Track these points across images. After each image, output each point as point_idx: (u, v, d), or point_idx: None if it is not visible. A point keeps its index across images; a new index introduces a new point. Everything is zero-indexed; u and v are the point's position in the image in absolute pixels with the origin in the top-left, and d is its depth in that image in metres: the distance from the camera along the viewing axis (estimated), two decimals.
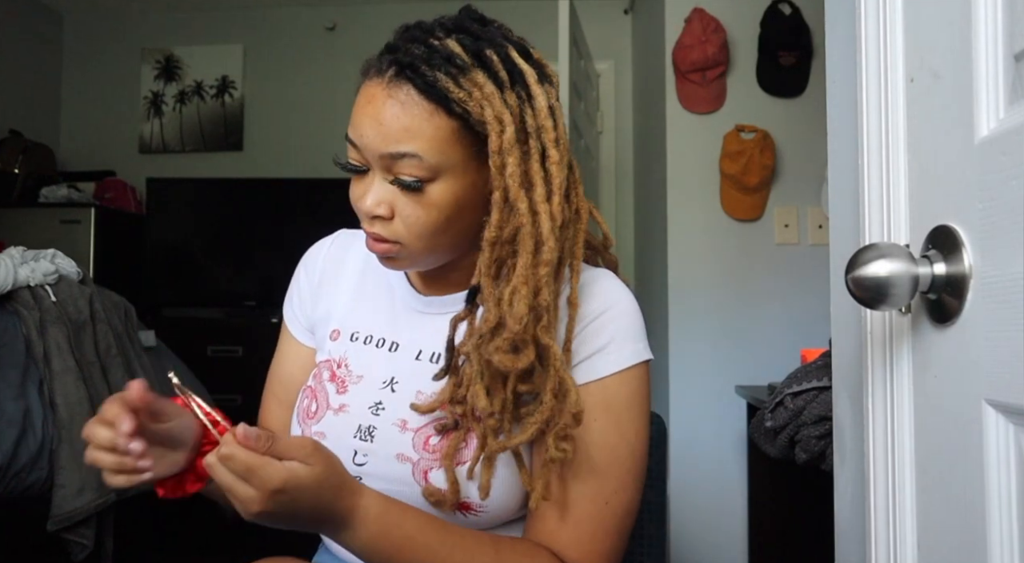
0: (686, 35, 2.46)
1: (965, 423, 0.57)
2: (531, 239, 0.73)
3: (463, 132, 0.74)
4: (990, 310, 0.54)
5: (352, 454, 0.84)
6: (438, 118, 0.73)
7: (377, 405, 0.85)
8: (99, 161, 3.75)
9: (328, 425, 0.87)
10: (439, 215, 0.76)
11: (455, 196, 0.76)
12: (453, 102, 0.72)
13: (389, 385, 0.86)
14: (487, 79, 0.73)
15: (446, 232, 0.78)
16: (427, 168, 0.74)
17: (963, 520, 0.57)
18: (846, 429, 0.89)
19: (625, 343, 0.82)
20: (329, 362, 0.91)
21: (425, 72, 0.72)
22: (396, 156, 0.73)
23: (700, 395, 2.46)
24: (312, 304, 0.96)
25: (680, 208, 2.50)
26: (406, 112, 0.73)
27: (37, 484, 1.77)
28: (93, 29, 3.93)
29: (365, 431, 0.84)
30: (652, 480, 1.02)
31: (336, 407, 0.87)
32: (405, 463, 0.82)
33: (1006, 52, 0.54)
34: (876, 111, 0.69)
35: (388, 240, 0.78)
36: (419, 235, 0.77)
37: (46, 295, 1.96)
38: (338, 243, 0.98)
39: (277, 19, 3.82)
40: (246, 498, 0.65)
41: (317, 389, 0.90)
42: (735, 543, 2.42)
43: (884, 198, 0.68)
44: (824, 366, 1.54)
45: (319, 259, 0.97)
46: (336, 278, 0.95)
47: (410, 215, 0.76)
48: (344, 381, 0.89)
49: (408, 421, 0.83)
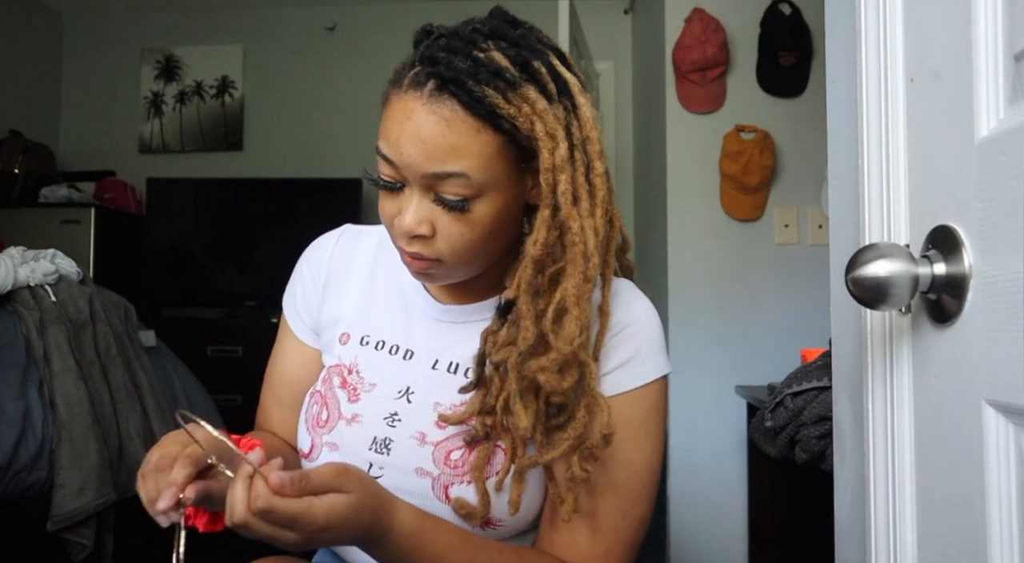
0: (686, 35, 2.46)
1: (965, 423, 0.57)
2: (582, 258, 0.71)
3: (509, 147, 0.71)
4: (990, 310, 0.54)
5: (367, 466, 0.81)
6: (484, 135, 0.69)
7: (393, 416, 0.83)
8: (99, 161, 3.75)
9: (340, 435, 0.84)
10: (483, 232, 0.73)
11: (498, 212, 0.73)
12: (502, 118, 0.69)
13: (405, 395, 0.84)
14: (539, 95, 0.70)
15: (487, 247, 0.75)
16: (473, 187, 0.70)
17: (963, 520, 0.57)
18: (846, 429, 0.89)
19: (649, 357, 0.81)
20: (340, 367, 0.88)
21: (472, 88, 0.68)
22: (442, 176, 0.70)
23: (700, 395, 2.46)
24: (318, 305, 0.92)
25: (680, 208, 2.50)
26: (452, 130, 0.69)
27: (37, 484, 1.77)
28: (93, 29, 3.93)
29: (381, 443, 0.82)
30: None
31: (349, 417, 0.84)
32: (424, 477, 0.80)
33: (1006, 52, 0.54)
34: (876, 111, 0.69)
35: (429, 258, 0.74)
36: (462, 253, 0.74)
37: (46, 295, 1.96)
38: (344, 240, 0.93)
39: (277, 19, 3.82)
40: (291, 543, 0.63)
41: (327, 395, 0.86)
42: (735, 543, 2.42)
43: (884, 198, 0.68)
44: (824, 366, 1.54)
45: (325, 257, 0.92)
46: (344, 278, 0.91)
47: (453, 233, 0.73)
48: (356, 389, 0.85)
49: (426, 434, 0.81)
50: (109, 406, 1.97)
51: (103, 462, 1.85)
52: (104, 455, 1.86)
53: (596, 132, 0.74)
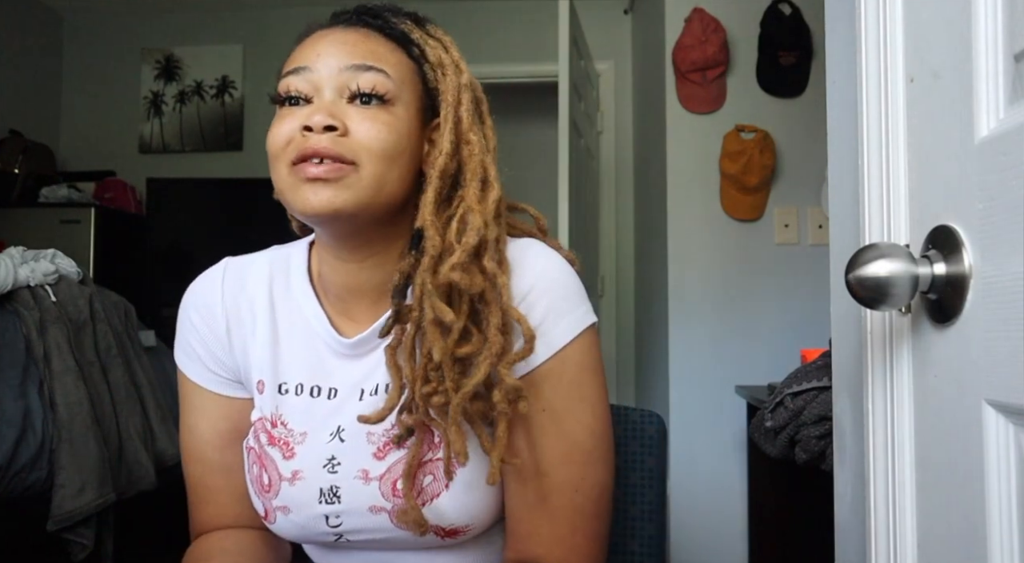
0: (686, 35, 2.46)
1: (965, 423, 0.57)
2: (481, 170, 0.75)
3: (417, 77, 0.77)
4: (990, 310, 0.54)
5: (324, 519, 0.78)
6: (398, 55, 0.76)
7: (331, 461, 0.78)
8: (99, 161, 3.75)
9: (287, 497, 0.79)
10: (396, 138, 0.72)
11: (407, 129, 0.74)
12: (413, 44, 0.76)
13: (336, 436, 0.79)
14: (444, 33, 0.79)
15: (395, 163, 0.72)
16: (389, 90, 0.73)
17: (963, 520, 0.57)
18: (846, 429, 0.89)
19: (560, 317, 0.75)
20: (263, 421, 0.81)
21: (387, 17, 0.77)
22: (362, 67, 0.72)
23: (700, 395, 2.46)
24: (227, 354, 0.84)
25: (680, 208, 2.50)
26: (365, 40, 0.75)
27: (37, 484, 1.77)
28: (93, 29, 3.93)
29: (329, 493, 0.78)
30: (652, 480, 1.02)
31: (289, 476, 0.79)
32: (380, 513, 0.77)
33: (1006, 52, 0.54)
34: (876, 111, 0.69)
35: (343, 159, 0.70)
36: (377, 154, 0.71)
37: (46, 295, 1.96)
38: (230, 278, 0.85)
39: (277, 19, 3.82)
40: None
41: (262, 455, 0.80)
42: (735, 543, 2.42)
43: (884, 198, 0.68)
44: (824, 366, 1.54)
45: (216, 301, 0.84)
46: (243, 320, 0.83)
47: (370, 131, 0.71)
48: (288, 443, 0.80)
49: (368, 470, 0.77)
50: (109, 406, 1.97)
51: (103, 462, 1.85)
52: (104, 455, 1.86)
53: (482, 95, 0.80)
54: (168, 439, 2.13)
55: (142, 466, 2.00)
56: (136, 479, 1.98)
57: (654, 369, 2.79)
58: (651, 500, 1.04)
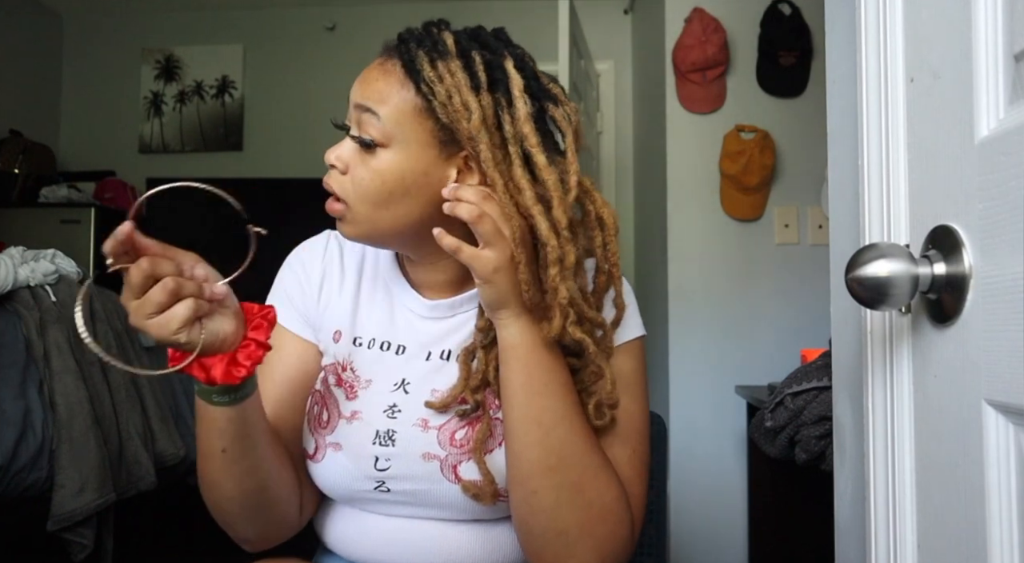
0: (686, 35, 2.46)
1: (965, 423, 0.57)
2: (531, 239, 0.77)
3: (426, 113, 0.77)
4: (990, 310, 0.54)
5: (374, 460, 0.83)
6: (406, 91, 0.77)
7: (392, 407, 0.85)
8: (99, 161, 3.75)
9: (343, 434, 0.85)
10: (382, 184, 0.78)
11: (401, 171, 0.78)
12: (423, 81, 0.76)
13: (401, 387, 0.86)
14: (464, 74, 0.76)
15: (387, 206, 0.79)
16: (381, 132, 0.77)
17: (963, 520, 0.57)
18: (846, 429, 0.89)
19: (631, 317, 0.88)
20: (334, 365, 0.90)
21: (412, 48, 0.78)
22: (361, 109, 0.78)
23: (700, 395, 2.46)
24: (315, 304, 0.93)
25: (680, 208, 2.50)
26: (385, 77, 0.78)
27: (37, 484, 1.77)
28: (93, 29, 3.93)
29: (384, 436, 0.84)
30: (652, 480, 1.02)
31: (348, 414, 0.86)
32: (432, 461, 0.82)
33: (1006, 52, 0.54)
34: (876, 111, 0.69)
35: (338, 198, 0.81)
36: (361, 198, 0.79)
37: (46, 295, 1.97)
38: (332, 244, 0.97)
39: (277, 19, 3.82)
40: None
41: (326, 395, 0.88)
42: (735, 543, 2.42)
43: (884, 198, 0.68)
44: (824, 366, 1.54)
45: (318, 258, 0.95)
46: (335, 280, 0.94)
47: (358, 175, 0.79)
48: (353, 386, 0.87)
49: (428, 420, 0.84)
50: (109, 406, 1.97)
51: (103, 462, 1.85)
52: (104, 455, 1.86)
53: (531, 127, 0.76)
54: (168, 439, 2.13)
55: (142, 466, 2.00)
56: (136, 479, 1.98)
57: (654, 369, 2.79)
58: (651, 500, 1.04)
